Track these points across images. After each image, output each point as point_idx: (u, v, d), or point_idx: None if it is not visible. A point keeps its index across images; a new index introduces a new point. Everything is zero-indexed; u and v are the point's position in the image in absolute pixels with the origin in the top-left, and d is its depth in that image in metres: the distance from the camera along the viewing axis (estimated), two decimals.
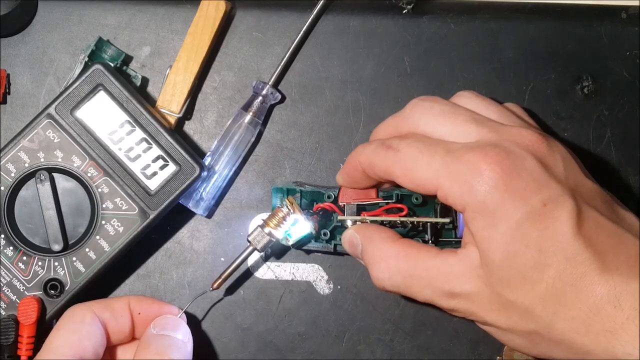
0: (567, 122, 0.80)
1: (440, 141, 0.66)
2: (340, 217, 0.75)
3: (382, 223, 0.73)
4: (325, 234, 0.75)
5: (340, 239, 0.75)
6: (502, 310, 0.62)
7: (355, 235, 0.71)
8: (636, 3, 0.81)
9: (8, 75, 0.79)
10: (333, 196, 0.75)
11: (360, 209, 0.75)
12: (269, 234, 0.74)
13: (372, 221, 0.73)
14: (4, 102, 0.79)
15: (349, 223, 0.74)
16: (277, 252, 0.80)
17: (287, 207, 0.73)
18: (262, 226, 0.74)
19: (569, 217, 0.60)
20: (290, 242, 0.75)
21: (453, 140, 0.65)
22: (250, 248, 0.74)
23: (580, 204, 0.61)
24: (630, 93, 0.80)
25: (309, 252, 0.79)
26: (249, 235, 0.74)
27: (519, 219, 0.60)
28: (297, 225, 0.74)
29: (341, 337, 0.80)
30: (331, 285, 0.80)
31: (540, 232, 0.60)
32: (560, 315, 0.59)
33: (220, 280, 0.75)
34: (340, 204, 0.75)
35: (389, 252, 0.68)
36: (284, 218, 0.73)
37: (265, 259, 0.80)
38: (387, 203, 0.74)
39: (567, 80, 0.81)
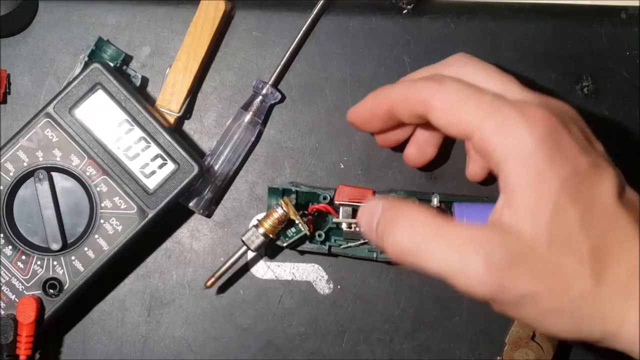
0: None
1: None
2: (335, 220, 0.75)
3: None
4: (320, 235, 0.76)
5: (334, 241, 0.76)
6: (545, 275, 0.58)
7: (378, 203, 0.65)
8: (636, 3, 0.81)
9: (8, 75, 0.79)
10: (329, 197, 0.75)
11: (356, 211, 0.75)
12: (263, 234, 0.74)
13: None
14: (4, 102, 0.79)
15: (344, 225, 0.74)
16: (277, 252, 0.80)
17: (282, 208, 0.73)
18: (256, 226, 0.74)
19: (612, 183, 0.59)
20: (285, 243, 0.75)
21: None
22: (244, 248, 0.75)
23: (619, 174, 0.60)
24: (630, 93, 0.80)
25: (302, 252, 0.79)
26: (243, 235, 0.74)
27: (568, 174, 0.58)
28: (291, 227, 0.75)
29: (341, 337, 0.80)
30: (331, 285, 0.80)
31: (586, 190, 0.58)
32: (604, 278, 0.57)
33: (213, 279, 0.75)
34: (336, 202, 0.75)
35: (416, 213, 0.62)
36: (278, 219, 0.73)
37: (265, 254, 0.80)
38: None
39: (567, 80, 0.81)
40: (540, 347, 0.77)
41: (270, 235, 0.74)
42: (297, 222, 0.74)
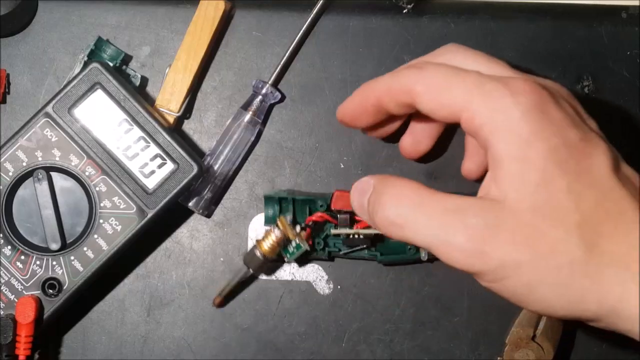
0: None
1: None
2: (334, 231, 0.75)
3: (375, 236, 0.75)
4: (318, 243, 0.76)
5: (334, 245, 0.76)
6: (528, 242, 0.56)
7: (369, 181, 0.65)
8: (636, 3, 0.81)
9: (8, 75, 0.79)
10: (325, 205, 0.75)
11: (353, 222, 0.76)
12: (263, 256, 0.74)
13: (364, 235, 0.75)
14: (4, 102, 0.79)
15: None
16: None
17: (278, 229, 0.73)
18: (255, 247, 0.74)
19: (605, 156, 0.58)
20: (287, 260, 0.76)
21: None
22: (246, 269, 0.75)
23: (614, 150, 0.59)
24: (630, 93, 0.80)
25: (302, 261, 0.79)
26: (244, 257, 0.75)
27: (557, 145, 0.57)
28: (291, 245, 0.75)
29: (341, 337, 0.80)
30: (331, 285, 0.80)
31: (577, 162, 0.57)
32: (597, 249, 0.55)
33: (220, 298, 0.77)
34: (333, 209, 0.75)
35: (401, 186, 0.62)
36: (277, 242, 0.74)
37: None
38: None
39: (567, 80, 0.80)
40: (540, 347, 0.77)
41: (270, 257, 0.74)
42: (296, 241, 0.74)
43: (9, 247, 0.73)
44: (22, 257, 0.73)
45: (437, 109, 0.61)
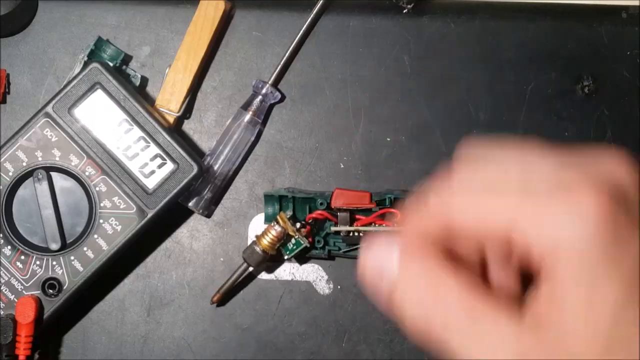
0: (568, 122, 0.80)
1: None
2: (334, 228, 0.75)
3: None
4: (318, 242, 0.76)
5: (334, 243, 0.76)
6: None
7: (390, 258, 0.49)
8: (636, 3, 0.81)
9: (8, 75, 0.79)
10: (326, 203, 0.75)
11: (353, 216, 0.76)
12: (262, 251, 0.74)
13: (364, 232, 0.74)
14: (4, 102, 0.79)
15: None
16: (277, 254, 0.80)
17: (279, 225, 0.73)
18: (255, 243, 0.74)
19: None
20: (286, 257, 0.76)
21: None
22: (245, 265, 0.75)
23: None
24: (630, 93, 0.80)
25: (302, 259, 0.79)
26: (243, 253, 0.75)
27: (627, 269, 0.46)
28: (290, 241, 0.75)
29: (341, 337, 0.79)
30: (331, 285, 0.80)
31: None
32: None
33: (219, 295, 0.77)
34: (333, 207, 0.75)
35: (452, 296, 0.47)
36: (277, 237, 0.74)
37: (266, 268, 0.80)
38: (381, 208, 0.74)
39: (567, 80, 0.80)
40: None
41: (270, 252, 0.74)
42: (296, 237, 0.74)
43: (9, 247, 0.73)
44: (22, 257, 0.73)
45: (479, 229, 0.49)
